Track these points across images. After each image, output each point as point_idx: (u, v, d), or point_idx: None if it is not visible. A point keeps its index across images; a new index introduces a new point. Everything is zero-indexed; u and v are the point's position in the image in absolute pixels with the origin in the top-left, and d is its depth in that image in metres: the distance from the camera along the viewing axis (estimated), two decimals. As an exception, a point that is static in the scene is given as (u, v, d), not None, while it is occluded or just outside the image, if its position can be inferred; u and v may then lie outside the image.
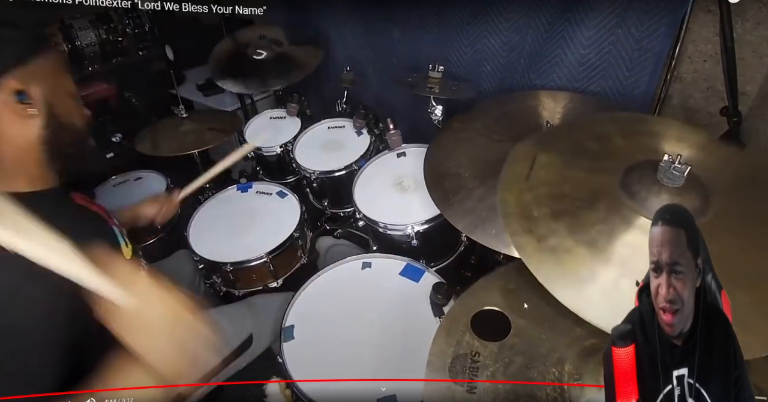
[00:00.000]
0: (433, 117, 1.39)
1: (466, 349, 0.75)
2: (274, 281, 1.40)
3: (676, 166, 0.72)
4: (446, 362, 0.74)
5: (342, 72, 1.75)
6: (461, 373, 0.72)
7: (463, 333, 0.78)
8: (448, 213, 1.08)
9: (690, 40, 1.23)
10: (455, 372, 0.73)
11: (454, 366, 0.73)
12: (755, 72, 1.17)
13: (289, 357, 0.99)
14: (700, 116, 1.33)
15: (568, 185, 0.81)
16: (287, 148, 1.70)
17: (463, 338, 0.77)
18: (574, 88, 1.44)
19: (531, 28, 1.45)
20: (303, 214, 1.44)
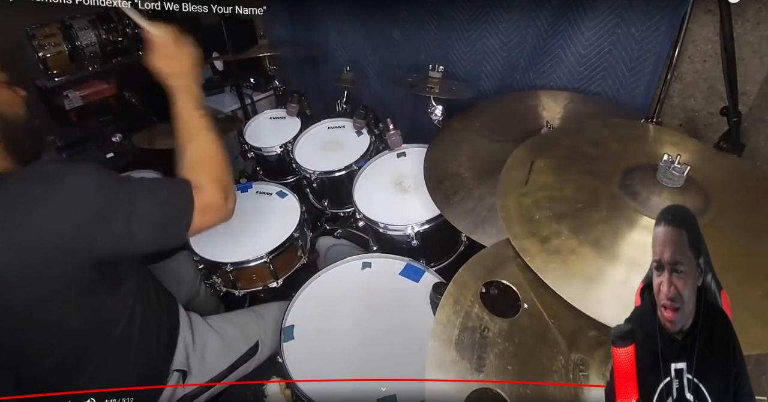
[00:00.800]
0: (433, 117, 1.39)
1: (475, 323, 0.71)
2: (274, 281, 1.40)
3: (676, 166, 0.72)
4: (453, 334, 0.70)
5: (342, 72, 1.75)
6: (469, 348, 0.69)
7: (472, 303, 0.73)
8: (448, 213, 1.08)
9: (690, 40, 1.23)
10: (463, 346, 0.69)
11: (462, 339, 0.69)
12: (755, 72, 1.17)
13: (289, 357, 0.99)
14: (700, 116, 1.33)
15: (567, 188, 0.81)
16: (287, 148, 1.70)
17: (473, 310, 0.73)
18: (574, 88, 1.44)
19: (531, 28, 1.45)
20: (303, 214, 1.44)
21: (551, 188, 0.82)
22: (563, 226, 0.73)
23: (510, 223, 0.77)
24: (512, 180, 0.85)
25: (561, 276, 0.68)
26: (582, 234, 0.72)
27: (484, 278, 0.77)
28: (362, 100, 1.77)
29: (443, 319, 0.72)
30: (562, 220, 0.74)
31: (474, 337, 0.69)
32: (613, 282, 0.66)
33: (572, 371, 0.68)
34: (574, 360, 0.69)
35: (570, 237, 0.71)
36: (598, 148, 0.90)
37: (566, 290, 0.67)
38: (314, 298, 1.12)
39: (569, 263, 0.69)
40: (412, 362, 0.93)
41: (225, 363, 1.12)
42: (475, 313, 0.72)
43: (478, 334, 0.70)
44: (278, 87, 2.09)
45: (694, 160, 0.78)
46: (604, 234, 0.71)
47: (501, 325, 0.71)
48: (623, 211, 0.73)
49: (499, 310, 0.74)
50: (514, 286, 0.76)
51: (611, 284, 0.66)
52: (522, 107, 1.35)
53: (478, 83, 1.66)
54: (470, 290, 0.75)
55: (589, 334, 0.71)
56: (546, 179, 0.84)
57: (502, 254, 0.81)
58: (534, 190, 0.82)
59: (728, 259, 0.65)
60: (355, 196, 1.40)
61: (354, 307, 1.08)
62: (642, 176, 0.77)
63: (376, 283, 1.13)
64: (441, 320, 0.72)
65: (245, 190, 1.58)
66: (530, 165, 0.86)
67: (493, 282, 0.78)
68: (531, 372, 0.67)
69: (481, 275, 0.78)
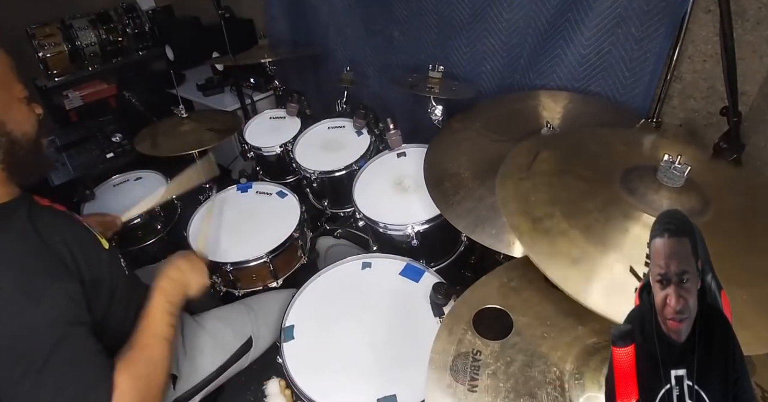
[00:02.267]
0: (433, 117, 1.39)
1: (468, 348, 0.75)
2: (274, 281, 1.40)
3: (677, 166, 0.72)
4: (448, 360, 0.74)
5: (342, 72, 1.75)
6: (462, 371, 0.72)
7: (464, 331, 0.78)
8: (448, 213, 1.08)
9: (690, 40, 1.23)
10: (457, 370, 0.73)
11: (456, 365, 0.74)
12: (755, 72, 1.17)
13: (289, 357, 0.99)
14: (700, 116, 1.33)
15: (567, 177, 0.83)
16: (287, 148, 1.70)
17: (465, 337, 0.77)
18: (574, 88, 1.44)
19: (531, 28, 1.45)
20: (303, 214, 1.44)
21: (551, 175, 0.84)
22: (556, 209, 0.75)
23: (506, 201, 0.80)
24: (516, 164, 0.88)
25: (546, 253, 0.70)
26: (574, 218, 0.73)
27: (476, 307, 0.81)
28: (362, 100, 1.78)
29: (438, 349, 0.77)
30: (557, 204, 0.76)
31: (467, 361, 0.74)
32: (598, 265, 0.67)
33: (567, 381, 0.69)
34: (569, 370, 0.70)
35: (561, 220, 0.73)
36: (605, 147, 0.91)
37: (550, 268, 0.68)
38: (314, 298, 1.12)
39: (557, 243, 0.71)
40: (412, 362, 0.93)
41: (216, 362, 1.11)
42: (468, 339, 0.77)
43: (470, 358, 0.74)
44: (278, 87, 2.09)
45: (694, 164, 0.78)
46: (596, 221, 0.72)
47: (493, 346, 0.76)
48: (619, 204, 0.74)
49: (493, 332, 0.78)
50: (507, 310, 0.80)
51: (595, 267, 0.67)
52: (522, 107, 1.35)
53: (478, 83, 1.66)
54: (464, 319, 0.80)
55: (587, 342, 0.73)
56: (548, 168, 0.86)
57: (495, 282, 0.85)
58: (534, 175, 0.84)
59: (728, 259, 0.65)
60: (355, 196, 1.40)
61: (354, 307, 1.08)
62: (642, 174, 0.77)
63: (376, 283, 1.13)
64: (437, 350, 0.77)
65: (245, 190, 1.58)
66: (536, 154, 0.89)
67: (485, 308, 0.81)
68: (524, 387, 0.70)
69: (475, 304, 0.82)
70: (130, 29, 2.28)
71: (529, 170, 0.85)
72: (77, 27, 2.12)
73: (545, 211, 0.76)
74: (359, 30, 1.97)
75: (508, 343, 0.76)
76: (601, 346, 0.72)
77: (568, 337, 0.74)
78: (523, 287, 0.83)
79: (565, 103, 1.35)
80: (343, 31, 2.03)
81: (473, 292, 0.85)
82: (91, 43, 2.16)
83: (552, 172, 0.85)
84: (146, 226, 1.61)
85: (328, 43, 2.10)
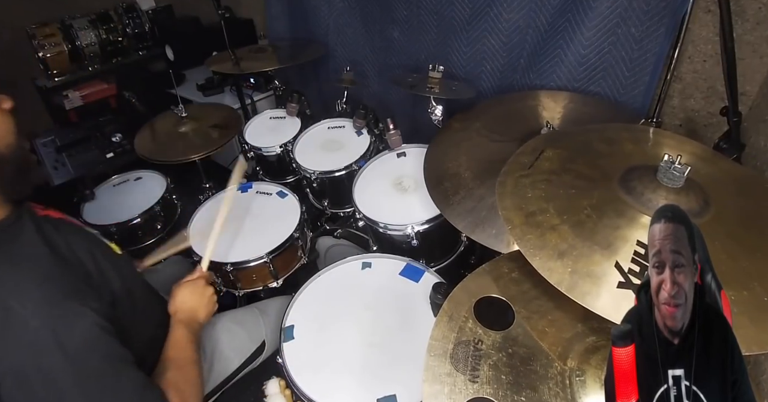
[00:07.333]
0: (433, 117, 1.39)
1: (469, 337, 0.74)
2: (275, 281, 1.40)
3: (677, 167, 0.72)
4: (448, 348, 0.73)
5: (342, 72, 1.75)
6: (464, 360, 0.71)
7: (466, 319, 0.76)
8: (448, 213, 1.08)
9: (690, 40, 1.23)
10: (458, 359, 0.71)
11: (456, 353, 0.72)
12: (755, 72, 1.17)
13: (289, 357, 0.99)
14: (700, 116, 1.33)
15: (567, 175, 0.83)
16: (287, 148, 1.70)
17: (466, 325, 0.76)
18: (574, 88, 1.44)
19: (531, 28, 1.45)
20: (303, 214, 1.44)
21: (551, 173, 0.84)
22: (551, 206, 0.76)
23: (503, 196, 0.81)
24: (518, 163, 0.89)
25: (534, 245, 0.71)
26: (566, 214, 0.74)
27: (477, 295, 0.80)
28: (362, 100, 1.78)
29: (438, 335, 0.75)
30: (552, 200, 0.77)
31: (468, 350, 0.72)
32: (585, 260, 0.68)
33: (568, 377, 0.69)
34: (570, 366, 0.70)
35: (554, 215, 0.75)
36: (611, 146, 0.91)
37: (536, 260, 0.69)
38: (314, 298, 1.12)
39: (546, 237, 0.71)
40: (411, 362, 0.93)
41: (231, 367, 1.12)
42: (468, 328, 0.76)
43: (471, 347, 0.73)
44: (278, 87, 2.09)
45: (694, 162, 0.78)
46: (589, 217, 0.73)
47: (494, 337, 0.75)
48: (615, 203, 0.74)
49: (494, 323, 0.77)
50: (508, 301, 0.79)
51: (582, 261, 0.67)
52: (522, 107, 1.35)
53: (478, 83, 1.66)
54: (464, 306, 0.79)
55: (586, 340, 0.73)
56: (550, 166, 0.86)
57: (496, 271, 0.85)
58: (535, 173, 0.85)
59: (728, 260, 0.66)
60: (355, 196, 1.40)
61: (354, 307, 1.08)
62: (642, 174, 0.77)
63: (376, 283, 1.13)
64: (436, 336, 0.75)
65: (245, 190, 1.58)
66: (540, 153, 0.89)
67: (487, 298, 0.80)
68: (525, 380, 0.69)
69: (475, 292, 0.81)
70: (130, 29, 2.28)
71: (531, 168, 0.86)
72: (77, 27, 2.12)
73: (540, 206, 0.77)
74: (359, 30, 1.97)
75: (510, 334, 0.74)
76: (601, 345, 0.71)
77: (568, 334, 0.74)
78: (524, 279, 0.82)
79: (565, 103, 1.35)
80: (343, 31, 2.03)
81: (474, 279, 0.84)
82: (91, 43, 2.16)
83: (553, 169, 0.85)
84: (146, 226, 1.61)
85: (328, 43, 2.10)
